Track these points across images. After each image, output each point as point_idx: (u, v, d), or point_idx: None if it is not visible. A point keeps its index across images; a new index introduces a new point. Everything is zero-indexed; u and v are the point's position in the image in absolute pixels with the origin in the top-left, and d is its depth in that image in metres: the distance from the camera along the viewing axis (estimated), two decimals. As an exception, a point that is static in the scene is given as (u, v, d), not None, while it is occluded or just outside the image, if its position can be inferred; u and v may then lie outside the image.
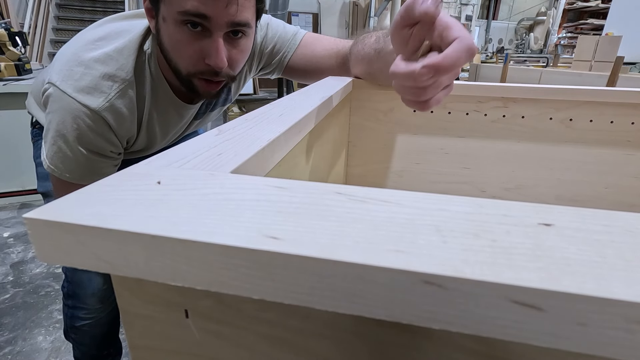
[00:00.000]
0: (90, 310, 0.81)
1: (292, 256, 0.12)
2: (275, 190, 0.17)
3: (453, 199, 0.16)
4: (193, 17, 0.50)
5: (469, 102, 0.63)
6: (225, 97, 0.73)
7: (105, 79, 0.54)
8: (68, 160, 0.54)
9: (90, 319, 0.81)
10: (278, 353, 0.18)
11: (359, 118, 0.68)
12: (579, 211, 0.16)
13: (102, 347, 0.89)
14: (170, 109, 0.63)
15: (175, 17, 0.51)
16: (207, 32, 0.52)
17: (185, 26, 0.51)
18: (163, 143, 0.69)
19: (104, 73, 0.54)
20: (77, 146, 0.53)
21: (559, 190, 0.66)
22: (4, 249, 1.66)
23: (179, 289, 0.18)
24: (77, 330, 0.83)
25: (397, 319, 0.12)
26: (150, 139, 0.64)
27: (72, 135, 0.52)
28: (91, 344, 0.87)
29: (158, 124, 0.63)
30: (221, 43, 0.52)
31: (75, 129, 0.52)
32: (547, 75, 2.77)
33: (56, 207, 0.15)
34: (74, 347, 0.90)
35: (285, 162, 0.31)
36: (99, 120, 0.53)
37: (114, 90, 0.54)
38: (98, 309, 0.80)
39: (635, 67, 3.25)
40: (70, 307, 0.82)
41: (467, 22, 7.09)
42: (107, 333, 0.87)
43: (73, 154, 0.54)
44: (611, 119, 0.61)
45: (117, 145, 0.58)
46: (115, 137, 0.57)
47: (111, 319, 0.85)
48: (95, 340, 0.86)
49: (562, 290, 0.11)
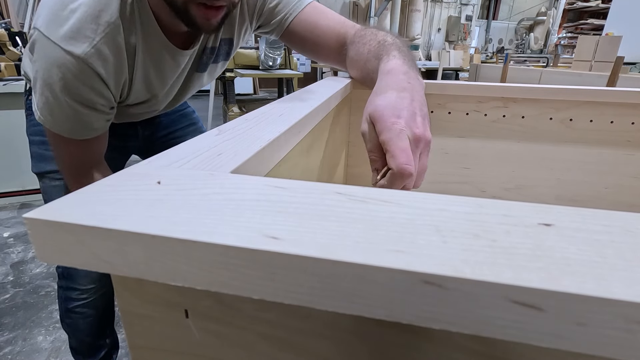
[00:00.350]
0: (83, 291, 0.81)
1: (292, 256, 0.12)
2: (275, 190, 0.17)
3: (453, 199, 0.16)
4: None
5: (469, 102, 0.63)
6: (228, 50, 0.69)
7: (88, 23, 0.50)
8: (56, 111, 0.51)
9: (83, 300, 0.82)
10: (278, 353, 0.18)
11: (359, 118, 0.67)
12: (579, 211, 0.16)
13: (97, 335, 0.89)
14: (165, 54, 0.59)
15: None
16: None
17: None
18: (165, 93, 0.66)
19: (87, 15, 0.50)
20: (64, 97, 0.50)
21: (559, 190, 0.66)
22: (4, 248, 1.66)
23: (179, 289, 0.18)
24: (70, 314, 0.84)
25: (397, 319, 0.12)
26: (149, 88, 0.61)
27: (59, 85, 0.50)
28: (85, 330, 0.86)
29: (153, 72, 0.60)
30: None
31: (60, 79, 0.50)
32: (547, 75, 2.77)
33: (56, 207, 0.15)
34: (70, 338, 0.89)
35: (285, 162, 0.30)
36: (85, 69, 0.50)
37: (98, 35, 0.50)
38: (91, 290, 0.81)
39: (636, 67, 3.25)
40: (64, 289, 0.82)
41: (467, 22, 7.10)
42: (101, 319, 0.87)
43: (60, 105, 0.51)
44: (611, 119, 0.61)
45: (109, 97, 0.54)
46: (106, 87, 0.53)
47: (105, 304, 0.86)
48: (90, 326, 0.86)
49: (562, 290, 0.11)
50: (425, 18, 6.77)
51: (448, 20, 7.04)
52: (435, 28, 7.04)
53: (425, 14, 6.64)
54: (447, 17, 7.05)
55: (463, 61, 5.76)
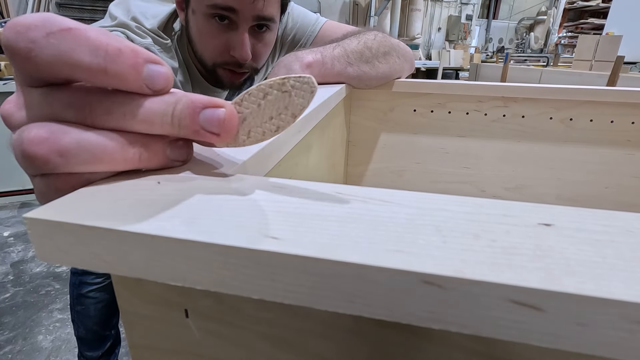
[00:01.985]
0: (98, 275, 0.85)
1: (292, 256, 0.12)
2: (275, 190, 0.17)
3: (453, 199, 0.16)
4: (221, 11, 0.54)
5: (469, 102, 0.63)
6: (251, 84, 0.75)
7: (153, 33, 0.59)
8: None
9: (97, 285, 0.86)
10: (278, 353, 0.18)
11: (359, 118, 0.68)
12: (579, 211, 0.15)
13: (105, 324, 0.91)
14: (202, 91, 0.66)
15: (204, 10, 0.54)
16: (233, 25, 0.56)
17: (214, 19, 0.55)
18: None
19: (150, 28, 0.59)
20: None
21: (559, 190, 0.66)
22: (4, 248, 1.66)
23: (178, 288, 0.18)
24: (83, 299, 0.86)
25: (397, 319, 0.12)
26: None
27: None
28: (95, 317, 0.89)
29: None
30: (246, 36, 0.57)
31: None
32: (547, 74, 2.77)
33: (56, 207, 0.15)
34: (78, 327, 0.91)
35: (285, 162, 0.30)
36: None
37: (159, 45, 0.59)
38: (105, 273, 0.85)
39: (636, 66, 3.25)
40: (78, 274, 0.86)
41: (468, 22, 7.10)
42: (111, 305, 0.89)
43: None
44: (611, 119, 0.61)
45: None
46: None
47: None
48: (100, 312, 0.89)
49: (562, 291, 0.11)
50: (426, 17, 6.77)
51: (448, 19, 7.04)
52: (435, 27, 7.04)
53: (425, 14, 6.63)
54: (447, 17, 7.04)
55: (463, 61, 5.76)
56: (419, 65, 5.27)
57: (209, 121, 0.17)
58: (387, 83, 0.62)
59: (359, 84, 0.58)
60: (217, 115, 0.17)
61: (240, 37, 0.56)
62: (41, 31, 0.14)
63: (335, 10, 5.67)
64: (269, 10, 0.56)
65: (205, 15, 0.55)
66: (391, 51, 0.58)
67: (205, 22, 0.55)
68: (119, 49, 0.15)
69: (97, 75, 0.15)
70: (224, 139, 0.17)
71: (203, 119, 0.17)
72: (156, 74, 0.16)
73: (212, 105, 0.17)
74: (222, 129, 0.17)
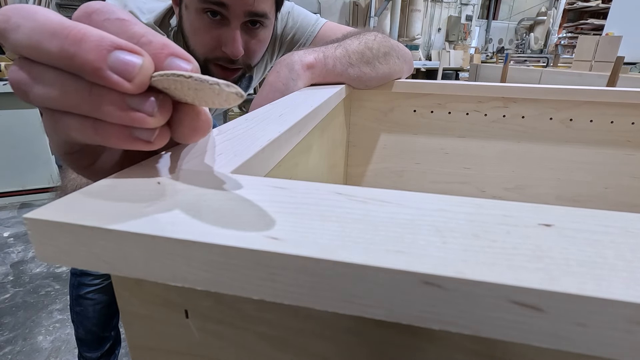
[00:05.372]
0: (97, 276, 0.84)
1: (292, 256, 0.12)
2: (275, 190, 0.17)
3: (453, 199, 0.16)
4: (213, 6, 0.53)
5: (469, 102, 0.63)
6: (247, 85, 0.74)
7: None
8: None
9: (95, 286, 0.85)
10: (278, 353, 0.18)
11: (359, 118, 0.68)
12: (579, 211, 0.15)
13: (104, 325, 0.91)
14: None
15: (197, 5, 0.54)
16: (225, 21, 0.55)
17: (205, 14, 0.55)
18: None
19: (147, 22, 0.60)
20: None
21: (559, 190, 0.66)
22: (4, 248, 1.66)
23: (178, 289, 0.18)
24: (81, 301, 0.86)
25: (397, 319, 0.12)
26: None
27: None
28: (94, 318, 0.89)
29: None
30: (238, 32, 0.56)
31: None
32: (547, 75, 2.77)
33: (56, 207, 0.15)
34: (77, 328, 0.91)
35: (285, 162, 0.30)
36: None
37: None
38: (104, 274, 0.85)
39: (636, 67, 3.25)
40: (77, 275, 0.86)
41: (467, 22, 7.10)
42: (109, 307, 0.89)
43: None
44: (611, 119, 0.61)
45: None
46: None
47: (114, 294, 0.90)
48: (98, 314, 0.89)
49: (562, 291, 0.11)
50: (426, 18, 6.77)
51: (448, 20, 7.04)
52: (435, 28, 7.04)
53: (425, 14, 6.63)
54: (447, 17, 7.04)
55: (463, 61, 5.77)
56: (419, 65, 5.28)
57: (122, 63, 0.14)
58: (387, 83, 0.62)
59: (359, 84, 0.58)
60: (133, 61, 0.14)
61: (231, 32, 0.55)
62: None
63: (335, 11, 5.67)
64: (260, 6, 0.55)
65: (197, 10, 0.55)
66: (391, 52, 0.58)
67: (197, 17, 0.55)
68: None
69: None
70: (131, 91, 0.15)
71: (114, 59, 0.14)
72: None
73: (131, 50, 0.15)
74: (133, 78, 0.14)
